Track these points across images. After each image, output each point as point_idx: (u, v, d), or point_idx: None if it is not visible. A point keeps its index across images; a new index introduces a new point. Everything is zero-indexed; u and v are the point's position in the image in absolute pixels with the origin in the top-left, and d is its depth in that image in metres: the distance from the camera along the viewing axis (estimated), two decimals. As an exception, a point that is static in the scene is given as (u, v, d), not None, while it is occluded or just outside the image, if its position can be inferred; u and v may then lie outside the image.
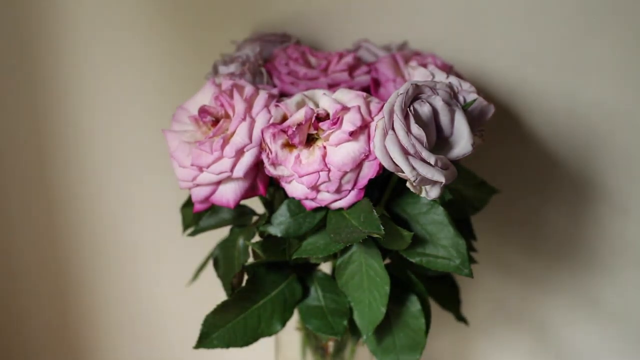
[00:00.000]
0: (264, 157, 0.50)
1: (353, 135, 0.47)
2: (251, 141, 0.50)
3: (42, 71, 0.74)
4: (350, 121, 0.47)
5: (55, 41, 0.73)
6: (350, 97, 0.49)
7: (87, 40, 0.73)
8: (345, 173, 0.48)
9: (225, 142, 0.51)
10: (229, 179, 0.52)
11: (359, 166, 0.48)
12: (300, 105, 0.50)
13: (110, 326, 0.87)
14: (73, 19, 0.72)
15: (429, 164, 0.44)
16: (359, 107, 0.48)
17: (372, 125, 0.48)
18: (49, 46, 0.73)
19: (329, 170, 0.48)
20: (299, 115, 0.49)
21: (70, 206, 0.81)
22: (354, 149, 0.47)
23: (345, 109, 0.48)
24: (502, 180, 0.71)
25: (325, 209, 0.52)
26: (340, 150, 0.48)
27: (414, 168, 0.43)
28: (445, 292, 0.63)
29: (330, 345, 0.63)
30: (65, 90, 0.75)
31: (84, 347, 0.88)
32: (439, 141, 0.46)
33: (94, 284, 0.85)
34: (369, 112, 0.48)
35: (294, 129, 0.48)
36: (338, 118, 0.48)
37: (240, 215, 0.59)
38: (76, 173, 0.79)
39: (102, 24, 0.73)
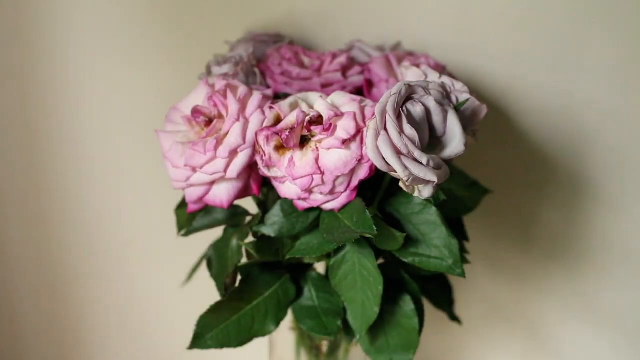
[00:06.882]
0: (258, 159, 0.50)
1: (345, 143, 0.47)
2: (245, 142, 0.50)
3: (37, 72, 0.74)
4: (344, 128, 0.47)
5: (51, 42, 0.73)
6: (344, 101, 0.49)
7: (82, 41, 0.73)
8: (338, 177, 0.48)
9: (219, 142, 0.50)
10: (222, 179, 0.52)
11: (352, 170, 0.48)
12: (293, 106, 0.50)
13: (104, 327, 0.87)
14: (68, 21, 0.72)
15: (421, 163, 0.44)
16: (354, 114, 0.48)
17: (365, 130, 0.47)
18: (44, 47, 0.73)
19: (323, 173, 0.48)
20: (292, 118, 0.49)
21: (64, 207, 0.81)
22: (346, 154, 0.47)
23: (339, 115, 0.48)
24: (494, 180, 0.71)
25: (318, 209, 0.52)
26: (332, 154, 0.47)
27: (406, 168, 0.43)
28: (438, 291, 0.63)
29: (324, 345, 0.63)
30: (59, 91, 0.75)
31: (78, 348, 0.88)
32: (431, 141, 0.46)
33: (88, 285, 0.85)
34: (363, 118, 0.48)
35: (287, 134, 0.48)
36: (330, 124, 0.48)
37: (233, 216, 0.59)
38: (70, 173, 0.79)
39: (97, 25, 0.73)
